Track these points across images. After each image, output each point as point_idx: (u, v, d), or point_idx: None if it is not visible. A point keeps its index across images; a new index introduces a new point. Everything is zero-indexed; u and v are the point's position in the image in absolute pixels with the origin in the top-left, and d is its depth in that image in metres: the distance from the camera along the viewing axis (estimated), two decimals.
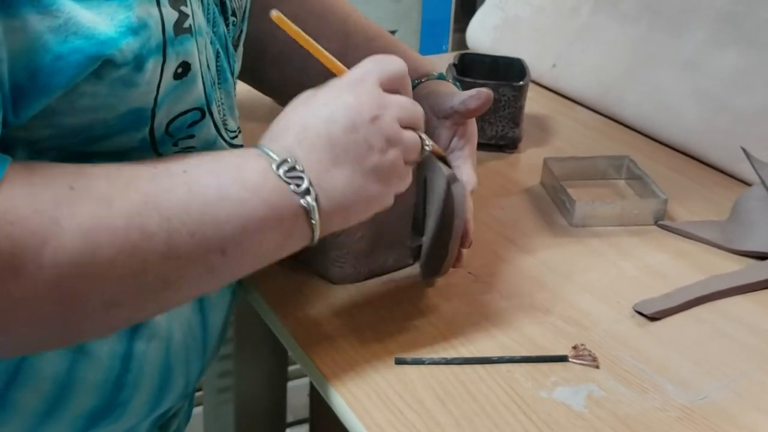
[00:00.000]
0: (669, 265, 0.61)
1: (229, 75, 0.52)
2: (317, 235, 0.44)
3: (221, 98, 0.51)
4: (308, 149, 0.44)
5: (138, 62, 0.40)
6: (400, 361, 0.49)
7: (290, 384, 1.17)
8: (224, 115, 0.51)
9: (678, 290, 0.56)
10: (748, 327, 0.54)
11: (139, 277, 0.40)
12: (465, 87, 0.77)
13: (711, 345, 0.52)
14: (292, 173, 0.43)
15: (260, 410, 1.12)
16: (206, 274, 0.42)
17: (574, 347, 0.50)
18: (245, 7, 0.56)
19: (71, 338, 0.43)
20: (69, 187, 0.38)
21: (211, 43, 0.49)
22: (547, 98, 0.96)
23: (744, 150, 0.66)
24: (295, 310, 0.54)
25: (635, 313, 0.55)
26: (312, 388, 1.18)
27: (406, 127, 0.46)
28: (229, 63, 0.52)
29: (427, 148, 0.48)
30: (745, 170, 0.72)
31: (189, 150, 0.48)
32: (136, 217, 0.39)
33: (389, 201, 0.47)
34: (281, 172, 0.43)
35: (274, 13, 0.45)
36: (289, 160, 0.43)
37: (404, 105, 0.47)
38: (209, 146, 0.49)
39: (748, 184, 0.72)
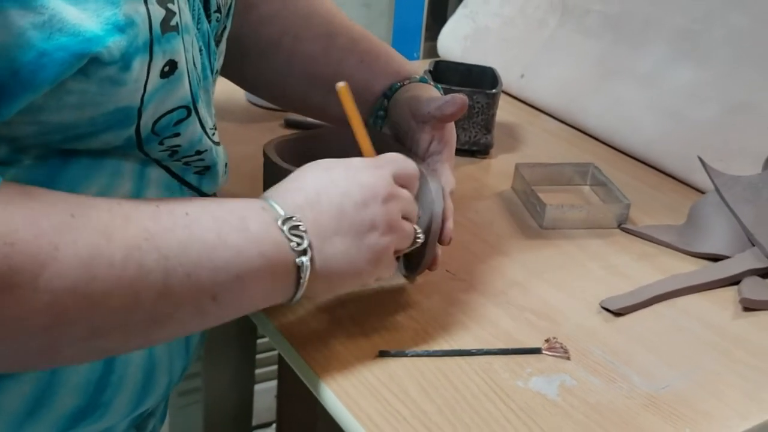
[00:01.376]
0: (632, 266, 0.65)
1: (209, 72, 0.52)
2: (299, 295, 0.46)
3: (202, 95, 0.50)
4: (317, 213, 0.46)
5: (125, 61, 0.40)
6: (384, 354, 0.52)
7: (256, 387, 1.18)
8: (204, 114, 0.51)
9: (640, 288, 0.60)
10: (703, 322, 0.58)
11: (131, 312, 0.40)
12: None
13: (671, 338, 0.56)
14: (295, 231, 0.44)
15: (227, 413, 1.12)
16: (194, 317, 0.43)
17: (547, 340, 0.54)
18: (230, 3, 0.56)
19: (48, 362, 0.42)
20: (70, 214, 0.38)
21: (195, 39, 0.49)
22: (516, 107, 1.00)
23: (700, 159, 0.70)
24: (281, 307, 0.56)
25: (602, 309, 0.58)
26: (280, 391, 1.19)
27: (404, 218, 0.50)
28: (209, 60, 0.52)
29: (419, 240, 0.52)
30: (699, 179, 0.76)
31: (175, 149, 0.48)
32: (135, 251, 0.39)
33: (370, 283, 0.50)
34: (285, 227, 0.44)
35: (342, 85, 0.50)
36: (294, 218, 0.45)
37: (409, 200, 0.50)
38: (194, 144, 0.49)
39: (702, 191, 0.77)
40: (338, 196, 0.47)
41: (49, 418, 0.47)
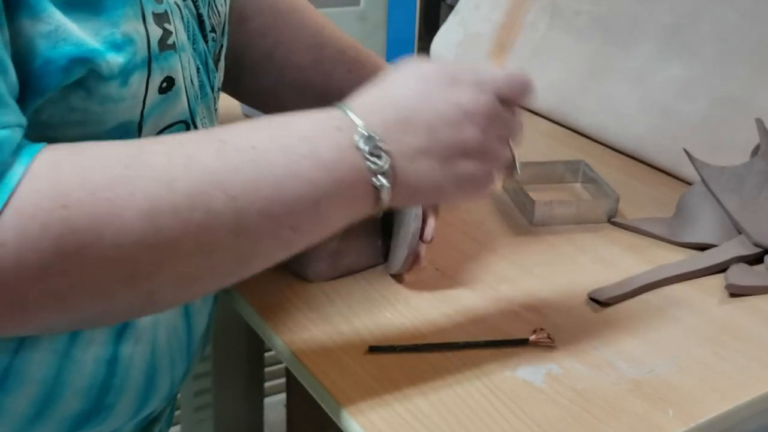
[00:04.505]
0: (621, 258, 0.65)
1: (209, 90, 0.53)
2: (381, 208, 0.43)
3: (203, 112, 0.52)
4: (404, 133, 0.42)
5: (124, 76, 0.41)
6: (374, 349, 0.53)
7: (266, 400, 1.19)
8: (206, 128, 0.53)
9: (628, 279, 0.61)
10: (690, 309, 0.59)
11: (211, 254, 0.39)
12: None
13: (657, 326, 0.57)
14: (377, 151, 0.41)
15: (238, 427, 1.13)
16: (278, 247, 0.42)
17: (534, 331, 0.55)
18: (224, 22, 0.58)
19: (148, 309, 0.43)
20: (123, 166, 0.37)
21: (192, 58, 0.50)
22: None
23: (686, 152, 0.71)
24: (274, 307, 0.57)
25: (590, 300, 0.59)
26: (289, 402, 1.20)
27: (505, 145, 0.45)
28: (209, 78, 0.53)
29: (517, 174, 0.47)
30: (688, 172, 0.77)
31: None
32: (200, 195, 0.38)
33: (455, 202, 0.47)
34: (366, 147, 0.41)
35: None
36: (377, 137, 0.41)
37: (510, 122, 0.46)
38: None
39: (691, 184, 0.77)
40: (432, 114, 0.42)
41: (54, 421, 0.48)
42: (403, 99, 0.43)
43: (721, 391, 0.50)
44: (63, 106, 0.41)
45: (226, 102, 0.76)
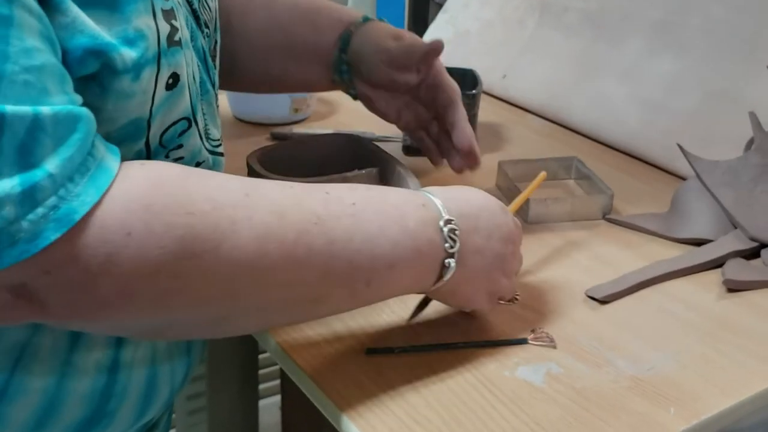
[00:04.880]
0: (617, 255, 0.65)
1: (209, 86, 0.54)
2: (435, 288, 0.49)
3: (203, 109, 0.53)
4: (472, 228, 0.49)
5: (136, 71, 0.42)
6: (371, 351, 0.52)
7: (261, 402, 1.18)
8: (207, 124, 0.53)
9: (625, 276, 0.61)
10: (687, 305, 0.58)
11: (294, 289, 0.43)
12: None
13: (656, 322, 0.56)
14: (452, 234, 0.48)
15: (233, 430, 1.13)
16: (348, 298, 0.46)
17: (533, 330, 0.54)
18: (215, 17, 0.58)
19: (220, 331, 0.45)
20: (244, 194, 0.41)
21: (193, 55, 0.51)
22: (499, 107, 1.01)
23: (680, 146, 0.71)
24: None
25: (588, 297, 0.59)
26: (284, 404, 1.19)
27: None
28: (209, 75, 0.54)
29: (516, 299, 0.57)
30: (682, 167, 0.77)
31: (179, 161, 0.49)
32: (304, 234, 0.42)
33: (476, 307, 0.54)
34: (446, 228, 0.47)
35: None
36: (454, 221, 0.48)
37: (520, 260, 0.56)
38: (195, 156, 0.51)
39: (684, 179, 0.77)
40: (492, 225, 0.51)
41: (56, 429, 0.48)
42: (475, 201, 0.51)
43: (722, 387, 0.50)
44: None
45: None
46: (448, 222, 0.48)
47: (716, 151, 0.74)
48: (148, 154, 0.47)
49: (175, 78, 0.46)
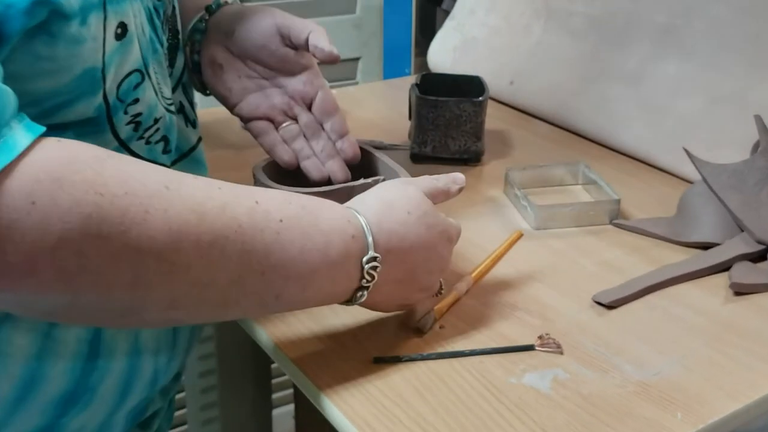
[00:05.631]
0: (624, 259, 0.65)
1: (158, 45, 0.54)
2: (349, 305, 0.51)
3: (155, 67, 0.53)
4: (395, 262, 0.49)
5: (83, 15, 0.43)
6: (378, 360, 0.53)
7: (275, 412, 1.19)
8: (158, 82, 0.54)
9: (632, 281, 0.61)
10: (694, 309, 0.58)
11: (204, 290, 0.42)
12: (428, 104, 0.82)
13: (663, 327, 0.56)
14: (371, 271, 0.48)
15: None
16: (256, 307, 0.46)
17: (540, 337, 0.55)
18: None
19: (129, 322, 0.45)
20: (164, 186, 0.40)
21: (142, 9, 0.51)
22: (506, 113, 1.01)
23: (686, 150, 0.71)
24: (276, 320, 0.57)
25: (594, 303, 0.59)
26: (297, 413, 1.20)
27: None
28: (156, 34, 0.54)
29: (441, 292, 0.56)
30: (688, 171, 0.77)
31: (137, 119, 0.50)
32: (221, 239, 0.41)
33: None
34: (367, 266, 0.48)
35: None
36: (378, 259, 0.48)
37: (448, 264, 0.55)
38: (152, 110, 0.52)
39: (691, 183, 0.77)
40: (421, 260, 0.51)
41: (37, 404, 0.49)
42: (412, 236, 0.50)
43: (729, 390, 0.50)
44: (29, 54, 0.41)
45: (225, 117, 0.75)
46: (371, 260, 0.48)
47: (722, 154, 0.74)
48: (107, 109, 0.47)
49: (123, 28, 0.46)
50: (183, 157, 0.60)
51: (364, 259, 0.48)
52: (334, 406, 0.49)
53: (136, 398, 0.54)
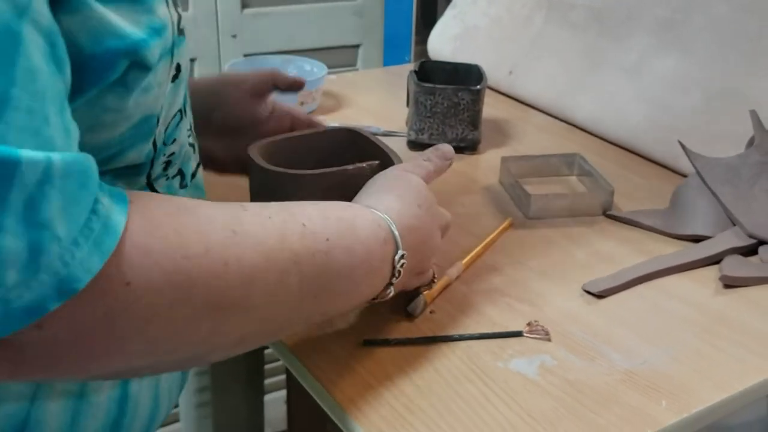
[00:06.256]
0: (615, 250, 0.66)
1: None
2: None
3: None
4: (411, 256, 0.50)
5: (157, 65, 0.40)
6: (368, 343, 0.53)
7: (267, 397, 1.19)
8: (190, 117, 0.52)
9: (622, 271, 0.61)
10: (683, 301, 0.59)
11: (269, 324, 0.42)
12: (426, 92, 0.82)
13: (652, 318, 0.57)
14: (400, 268, 0.49)
15: (239, 424, 1.14)
16: (303, 325, 0.47)
17: (529, 323, 0.55)
18: None
19: (191, 366, 0.45)
20: (232, 231, 0.39)
21: None
22: (505, 104, 1.01)
23: (681, 143, 0.71)
24: None
25: (584, 292, 0.59)
26: (289, 399, 1.20)
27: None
28: None
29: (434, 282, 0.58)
30: (683, 164, 0.77)
31: (170, 159, 0.48)
32: (285, 274, 0.41)
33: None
34: (399, 265, 0.49)
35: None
36: (405, 255, 0.49)
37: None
38: (182, 147, 0.50)
39: (685, 176, 0.77)
40: (429, 249, 0.53)
41: None
42: (423, 230, 0.52)
43: (715, 380, 0.50)
44: (97, 107, 0.39)
45: None
46: (401, 258, 0.49)
47: (717, 148, 0.74)
48: (154, 152, 0.46)
49: (177, 69, 0.44)
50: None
51: (396, 258, 0.48)
52: (323, 387, 0.49)
53: (157, 426, 0.54)
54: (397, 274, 0.49)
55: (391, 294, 0.50)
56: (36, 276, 0.31)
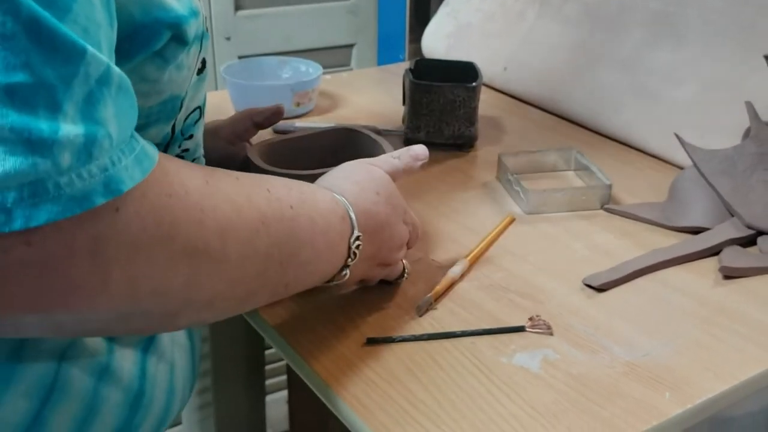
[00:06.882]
0: (614, 244, 0.66)
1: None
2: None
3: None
4: (369, 241, 0.51)
5: (191, 45, 0.42)
6: (371, 341, 0.53)
7: (268, 398, 1.19)
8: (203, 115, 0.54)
9: (622, 264, 0.61)
10: (683, 293, 0.59)
11: (236, 287, 0.42)
12: (422, 89, 0.82)
13: (652, 310, 0.57)
14: (356, 250, 0.50)
15: (240, 425, 1.14)
16: (268, 298, 0.46)
17: (531, 318, 0.55)
18: None
19: (175, 324, 0.43)
20: (205, 180, 0.40)
21: None
22: (500, 100, 1.01)
23: (677, 136, 0.71)
24: (273, 302, 0.57)
25: (585, 286, 0.59)
26: (291, 398, 1.20)
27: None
28: None
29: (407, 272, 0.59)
30: (680, 157, 0.77)
31: (184, 153, 0.50)
32: (254, 233, 0.41)
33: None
34: (354, 245, 0.49)
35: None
36: (360, 237, 0.50)
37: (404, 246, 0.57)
38: (198, 146, 0.52)
39: (682, 169, 0.78)
40: (387, 237, 0.53)
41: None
42: (384, 217, 0.52)
43: (717, 371, 0.50)
44: (137, 75, 0.40)
45: (218, 101, 0.76)
46: (357, 239, 0.50)
47: (714, 140, 0.74)
48: (171, 136, 0.47)
49: (203, 64, 0.46)
50: None
51: (352, 239, 0.49)
52: (327, 385, 0.49)
53: (169, 422, 0.53)
54: (353, 256, 0.50)
55: (347, 277, 0.50)
56: (87, 165, 0.32)
